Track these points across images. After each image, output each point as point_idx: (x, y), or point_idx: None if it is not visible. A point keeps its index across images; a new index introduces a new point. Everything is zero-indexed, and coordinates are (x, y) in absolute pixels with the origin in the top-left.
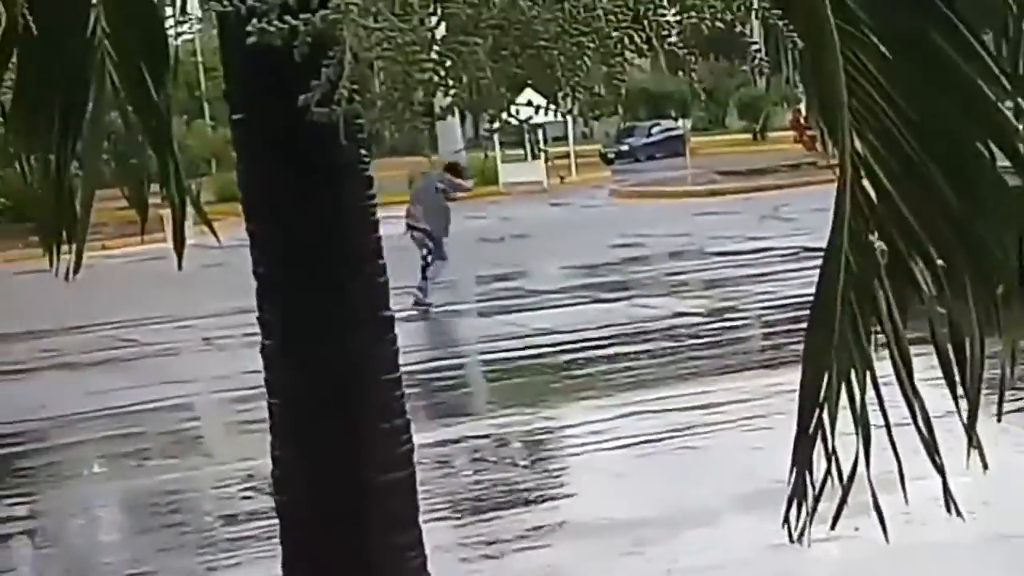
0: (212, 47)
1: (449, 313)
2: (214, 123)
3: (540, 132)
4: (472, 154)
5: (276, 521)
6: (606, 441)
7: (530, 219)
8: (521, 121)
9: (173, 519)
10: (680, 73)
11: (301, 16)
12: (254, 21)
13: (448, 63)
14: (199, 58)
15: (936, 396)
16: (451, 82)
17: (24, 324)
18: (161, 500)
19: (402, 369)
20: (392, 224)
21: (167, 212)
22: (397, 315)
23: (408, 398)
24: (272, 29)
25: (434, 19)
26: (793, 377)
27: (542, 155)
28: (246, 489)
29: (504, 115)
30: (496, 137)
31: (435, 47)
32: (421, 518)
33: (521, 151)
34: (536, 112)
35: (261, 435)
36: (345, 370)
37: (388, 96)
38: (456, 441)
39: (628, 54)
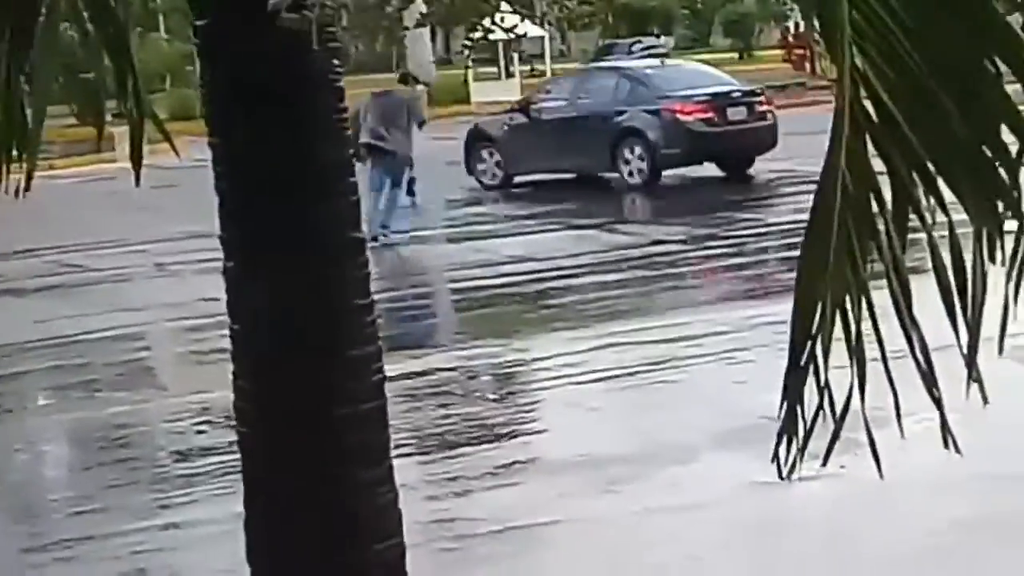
0: None
1: (416, 239)
2: (169, 37)
3: (515, 50)
4: (441, 72)
5: (232, 457)
6: (580, 374)
7: None
8: (505, 29)
9: (123, 454)
10: None
11: None
12: None
13: None
14: None
15: (935, 328)
16: None
17: None
18: (110, 434)
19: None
20: None
21: (119, 131)
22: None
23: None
24: None
25: None
26: (777, 308)
27: (517, 73)
28: (200, 423)
29: (486, 24)
30: (468, 54)
31: None
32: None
33: (495, 69)
34: (517, 23)
35: (216, 366)
36: (312, 294)
37: (362, 3)
38: (423, 374)
39: None
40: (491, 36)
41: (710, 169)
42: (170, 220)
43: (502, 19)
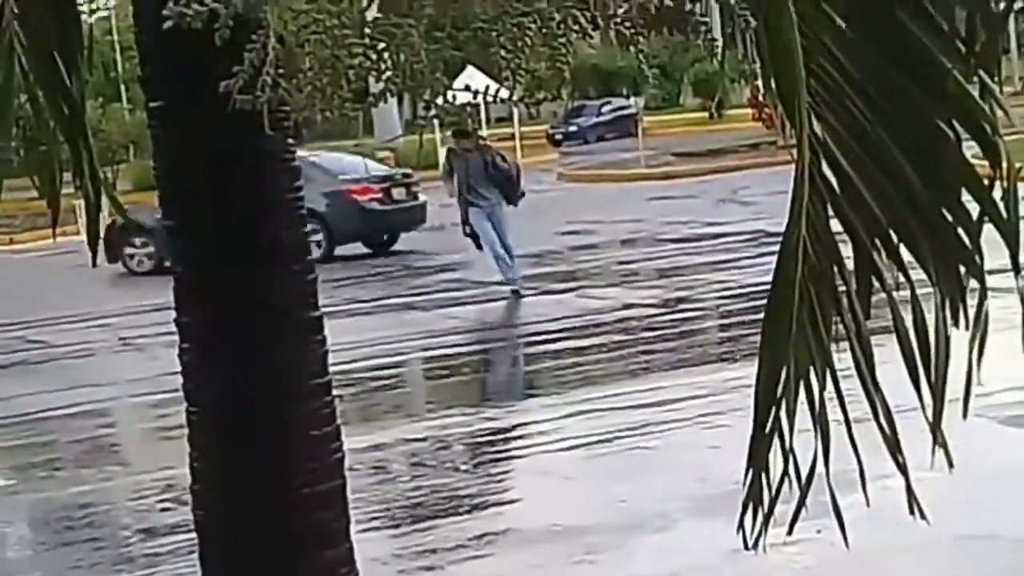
0: (129, 24)
1: (386, 307)
2: (131, 106)
3: (482, 113)
4: (410, 138)
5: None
6: (553, 442)
7: None
8: (459, 106)
9: (86, 534)
10: (631, 49)
11: None
12: (171, 3)
13: (380, 46)
14: (115, 36)
15: (899, 391)
16: (384, 66)
17: None
18: (74, 514)
19: (334, 369)
20: None
21: (81, 203)
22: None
23: (342, 399)
24: (190, 12)
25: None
26: (752, 372)
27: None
28: (165, 501)
29: (440, 101)
30: (427, 122)
31: (366, 29)
32: (355, 528)
33: None
34: (474, 97)
35: (181, 442)
36: (270, 376)
37: (316, 82)
38: (393, 444)
39: (572, 35)
40: (449, 108)
41: (356, 247)
42: (135, 293)
43: (454, 96)
